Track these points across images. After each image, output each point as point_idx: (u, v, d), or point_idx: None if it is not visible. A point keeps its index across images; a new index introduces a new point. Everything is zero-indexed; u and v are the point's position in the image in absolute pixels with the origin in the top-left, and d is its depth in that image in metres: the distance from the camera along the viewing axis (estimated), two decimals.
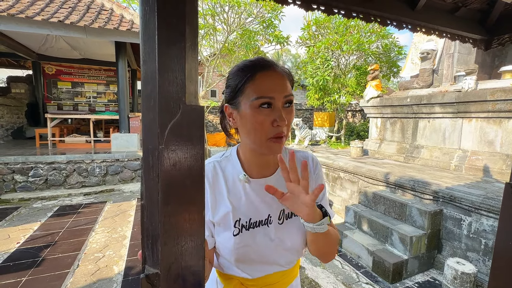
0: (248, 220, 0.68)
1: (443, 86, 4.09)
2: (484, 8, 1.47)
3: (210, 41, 9.65)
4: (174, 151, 0.37)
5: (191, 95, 0.38)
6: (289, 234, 0.70)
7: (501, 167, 3.12)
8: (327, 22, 9.01)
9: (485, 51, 1.64)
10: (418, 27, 1.37)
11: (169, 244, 0.38)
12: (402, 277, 2.52)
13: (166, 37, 0.35)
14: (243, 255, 0.67)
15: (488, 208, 2.34)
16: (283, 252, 0.70)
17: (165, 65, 0.36)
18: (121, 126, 5.92)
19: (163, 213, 0.37)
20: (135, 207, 4.19)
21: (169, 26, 0.35)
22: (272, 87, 0.61)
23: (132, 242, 3.02)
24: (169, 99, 0.36)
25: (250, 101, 0.61)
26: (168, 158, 0.36)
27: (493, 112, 3.20)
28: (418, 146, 4.16)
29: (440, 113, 3.79)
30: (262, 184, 0.66)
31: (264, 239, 0.68)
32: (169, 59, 0.36)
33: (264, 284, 0.71)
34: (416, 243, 2.57)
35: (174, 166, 0.37)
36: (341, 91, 8.99)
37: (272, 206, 0.70)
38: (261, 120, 0.60)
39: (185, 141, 0.37)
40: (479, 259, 2.42)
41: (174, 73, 0.36)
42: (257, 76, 0.62)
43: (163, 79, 0.36)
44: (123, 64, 5.81)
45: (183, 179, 0.38)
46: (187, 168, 0.38)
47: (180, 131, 0.37)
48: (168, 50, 0.36)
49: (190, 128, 0.37)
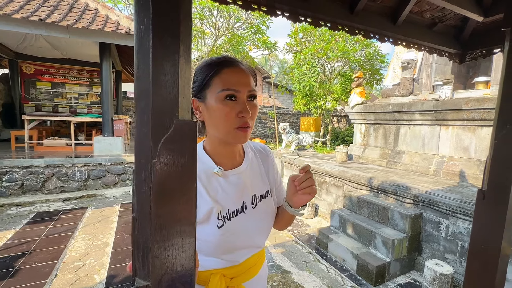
0: (227, 211, 0.71)
1: (422, 94, 4.29)
2: (459, 24, 1.58)
3: (198, 45, 9.62)
4: (167, 164, 0.37)
5: (184, 110, 0.39)
6: (262, 215, 0.78)
7: (475, 172, 3.30)
8: (313, 29, 9.23)
9: (459, 64, 1.75)
10: (399, 41, 1.44)
11: (160, 256, 0.38)
12: (384, 279, 2.60)
13: (161, 54, 0.36)
14: (229, 244, 0.71)
15: (463, 211, 2.46)
16: (260, 232, 0.78)
17: (159, 81, 0.37)
18: (105, 129, 5.75)
19: (154, 225, 0.38)
20: (118, 213, 4.07)
21: (164, 44, 0.36)
22: (237, 81, 0.67)
23: (114, 249, 2.93)
24: (162, 114, 0.37)
25: (216, 93, 0.65)
26: (161, 172, 0.37)
27: (468, 120, 3.39)
28: (399, 152, 4.33)
29: (419, 120, 3.96)
30: (234, 175, 0.74)
31: (244, 225, 0.73)
32: (163, 75, 0.37)
33: (246, 268, 0.76)
34: (398, 246, 2.66)
35: (166, 180, 0.38)
36: (327, 97, 9.21)
37: (245, 193, 0.75)
38: (227, 112, 0.65)
39: (177, 155, 0.38)
40: (456, 260, 2.54)
41: (167, 89, 0.37)
42: (223, 71, 0.67)
43: (157, 95, 0.37)
44: (107, 65, 5.67)
45: (174, 192, 0.39)
46: (179, 181, 0.39)
47: (172, 145, 0.38)
48: (162, 67, 0.37)
49: (183, 142, 0.38)
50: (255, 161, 0.81)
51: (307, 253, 3.07)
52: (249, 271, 0.77)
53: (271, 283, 2.47)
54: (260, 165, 0.82)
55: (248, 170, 0.78)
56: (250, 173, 0.78)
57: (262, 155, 0.85)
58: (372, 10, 1.31)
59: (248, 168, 0.78)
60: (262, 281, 0.83)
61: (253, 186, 0.77)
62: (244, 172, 0.77)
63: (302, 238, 3.52)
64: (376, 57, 8.93)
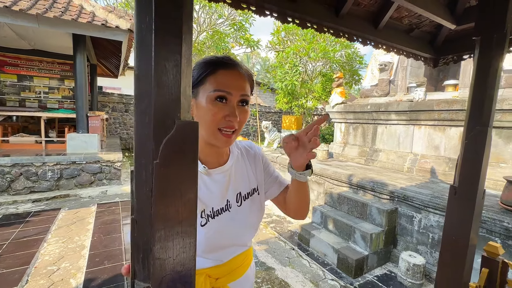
0: (211, 209, 0.71)
1: (398, 95, 4.51)
2: (433, 31, 1.68)
3: None
4: (169, 166, 0.37)
5: (185, 110, 0.39)
6: (248, 213, 0.77)
7: (444, 169, 3.54)
8: (295, 29, 9.34)
9: (433, 68, 1.86)
10: (380, 44, 1.51)
11: (161, 257, 0.38)
12: (363, 271, 2.72)
13: (163, 55, 0.36)
14: (213, 243, 0.71)
15: (434, 205, 2.64)
16: (245, 231, 0.77)
17: (161, 82, 0.36)
18: (79, 125, 5.45)
19: (155, 227, 0.37)
20: (94, 214, 3.89)
21: (166, 44, 0.36)
22: (230, 83, 0.66)
23: (92, 252, 2.80)
24: (164, 115, 0.37)
25: (208, 92, 0.65)
26: (162, 173, 0.37)
27: (439, 121, 3.62)
28: (377, 150, 4.53)
29: (395, 120, 4.17)
30: (219, 173, 0.74)
31: (228, 223, 0.73)
32: (165, 76, 0.36)
33: (232, 267, 0.76)
34: (376, 239, 2.79)
35: (168, 181, 0.38)
36: (308, 96, 9.39)
37: (230, 191, 0.75)
38: (214, 112, 0.65)
39: (179, 156, 0.38)
40: (427, 251, 2.72)
41: (169, 90, 0.37)
42: (219, 71, 0.66)
43: (158, 95, 0.36)
44: (81, 58, 5.36)
45: (176, 194, 0.38)
46: (181, 182, 0.39)
47: (174, 146, 0.38)
48: (164, 68, 0.36)
49: (185, 143, 0.38)
50: (241, 159, 0.81)
51: (290, 249, 3.14)
52: (236, 271, 0.77)
53: (255, 280, 2.50)
54: (246, 162, 0.82)
55: (233, 169, 0.78)
56: (235, 171, 0.78)
57: (248, 153, 0.84)
58: (356, 14, 1.36)
59: (233, 166, 0.78)
60: (249, 281, 0.83)
61: (238, 184, 0.77)
62: (228, 170, 0.76)
63: (285, 234, 3.59)
64: (355, 58, 9.23)
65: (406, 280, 2.55)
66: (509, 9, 0.97)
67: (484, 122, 1.02)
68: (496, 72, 1.00)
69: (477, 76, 1.05)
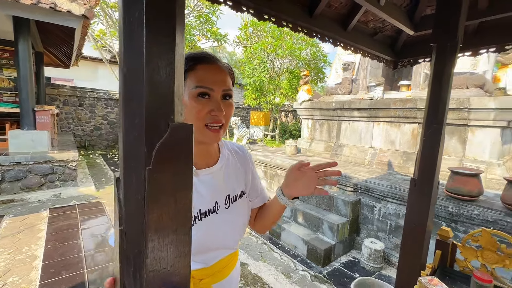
0: (198, 211, 0.70)
1: (359, 94, 4.82)
2: (394, 35, 1.82)
3: None
4: (162, 172, 0.35)
5: (178, 112, 0.37)
6: (235, 216, 0.77)
7: (399, 162, 3.90)
8: (263, 25, 9.38)
9: (393, 70, 2.02)
10: (348, 46, 1.59)
11: (155, 269, 0.36)
12: (330, 260, 2.89)
13: (156, 52, 0.33)
14: (199, 245, 0.69)
15: (392, 195, 2.90)
16: (232, 233, 0.77)
17: (153, 81, 0.33)
18: (24, 121, 4.83)
19: (149, 237, 0.35)
20: (47, 219, 3.51)
21: (159, 40, 0.33)
22: (212, 79, 0.65)
23: (46, 262, 2.53)
24: (156, 117, 0.34)
25: (190, 89, 0.64)
26: (157, 180, 0.34)
27: (395, 118, 3.96)
28: (341, 145, 4.80)
29: (357, 117, 4.46)
30: (207, 174, 0.73)
31: (215, 225, 0.72)
32: (158, 75, 0.34)
33: (217, 270, 0.75)
34: (341, 229, 2.98)
35: (162, 188, 0.35)
36: (276, 92, 9.55)
37: (218, 193, 0.74)
38: (198, 109, 0.64)
39: (173, 161, 0.36)
40: (386, 237, 2.98)
41: (162, 90, 0.34)
42: (199, 67, 0.65)
43: (151, 95, 0.33)
44: (25, 45, 4.73)
45: (170, 201, 0.36)
46: (175, 189, 0.36)
47: (168, 150, 0.35)
48: (157, 65, 0.33)
49: (179, 147, 0.36)
50: (231, 161, 0.80)
51: (261, 244, 3.19)
52: (221, 272, 0.76)
53: None
54: (237, 165, 0.81)
55: (222, 170, 0.76)
56: (224, 173, 0.76)
57: (239, 156, 0.83)
58: (327, 16, 1.41)
59: (223, 168, 0.77)
60: (234, 282, 0.82)
61: (227, 187, 0.76)
62: (217, 172, 0.75)
63: None
64: (319, 56, 9.59)
65: (368, 265, 2.77)
66: (460, 21, 1.09)
67: (439, 120, 1.14)
68: (450, 76, 1.12)
69: (433, 79, 1.16)
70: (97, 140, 9.20)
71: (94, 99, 9.09)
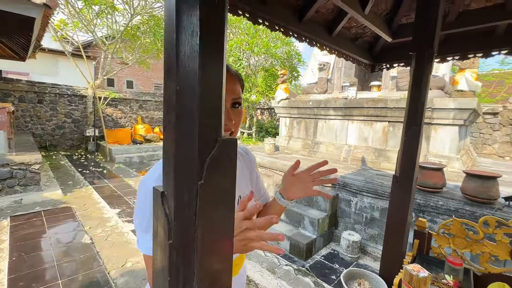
0: None
1: (334, 93, 5.04)
2: (372, 41, 1.94)
3: (107, 21, 8.27)
4: (213, 186, 0.36)
5: (222, 127, 0.38)
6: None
7: (372, 158, 4.16)
8: (238, 22, 9.32)
9: (370, 72, 2.15)
10: (333, 50, 1.67)
11: (203, 280, 0.37)
12: (312, 253, 3.02)
13: (209, 70, 0.34)
14: None
15: (367, 189, 3.10)
16: None
17: (206, 99, 0.34)
18: None
19: (201, 251, 0.36)
20: (8, 228, 3.19)
21: (212, 59, 0.34)
22: None
23: (12, 275, 2.31)
24: (208, 132, 0.35)
25: None
26: (208, 194, 0.35)
27: (367, 116, 4.21)
28: (317, 143, 4.99)
29: (333, 115, 4.66)
30: None
31: None
32: (210, 92, 0.35)
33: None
34: (322, 223, 3.12)
35: (212, 202, 0.36)
36: (252, 90, 9.58)
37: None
38: None
39: (221, 175, 0.37)
40: (362, 229, 3.19)
41: (213, 106, 0.35)
42: None
43: (203, 112, 0.34)
44: None
45: (219, 213, 0.37)
46: (222, 203, 0.38)
47: (217, 165, 0.36)
48: (209, 80, 0.34)
49: (226, 161, 0.37)
50: (240, 164, 0.83)
51: None
52: (234, 268, 0.79)
53: None
54: (244, 167, 0.84)
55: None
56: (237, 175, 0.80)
57: (244, 158, 0.86)
58: (315, 21, 1.47)
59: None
60: (242, 279, 0.86)
61: (238, 188, 0.78)
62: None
63: None
64: (294, 56, 9.79)
65: (347, 255, 2.94)
66: (436, 32, 1.20)
67: (418, 122, 1.25)
68: (427, 81, 1.24)
69: (413, 85, 1.27)
70: (59, 139, 8.51)
71: (56, 96, 8.37)
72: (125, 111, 9.91)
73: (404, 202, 1.30)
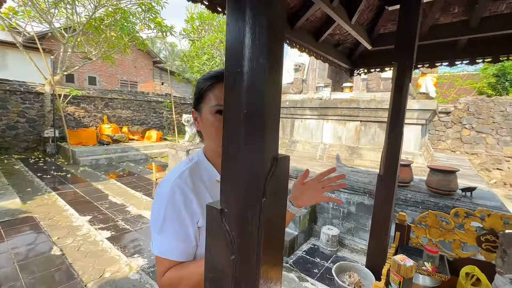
0: None
1: (309, 93, 5.22)
2: (352, 47, 2.06)
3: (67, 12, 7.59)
4: (273, 202, 0.38)
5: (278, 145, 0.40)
6: None
7: (346, 155, 4.41)
8: (211, 19, 9.17)
9: (350, 77, 2.28)
10: (319, 56, 1.75)
11: None
12: (294, 249, 3.12)
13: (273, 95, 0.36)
14: None
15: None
16: None
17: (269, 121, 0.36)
18: None
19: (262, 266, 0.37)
20: None
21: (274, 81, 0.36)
22: None
23: None
24: (269, 152, 0.37)
25: (210, 107, 0.69)
26: (270, 209, 0.37)
27: (341, 116, 4.44)
28: (294, 141, 5.14)
29: (309, 115, 4.83)
30: None
31: None
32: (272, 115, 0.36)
33: None
34: (303, 220, 3.24)
35: (273, 216, 0.38)
36: None
37: None
38: (217, 126, 0.68)
39: (278, 191, 0.39)
40: (339, 223, 3.37)
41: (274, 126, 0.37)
42: (217, 85, 0.69)
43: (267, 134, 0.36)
44: None
45: (277, 226, 0.39)
46: (279, 214, 0.40)
47: (275, 182, 0.38)
48: (274, 101, 0.36)
49: (283, 177, 0.39)
50: None
51: None
52: None
53: None
54: None
55: None
56: None
57: None
58: (305, 28, 1.53)
59: None
60: None
61: None
62: None
63: None
64: None
65: (326, 249, 3.10)
66: (416, 43, 1.33)
67: (400, 125, 1.38)
68: (407, 88, 1.36)
69: (395, 91, 1.39)
70: (12, 141, 7.65)
71: (6, 92, 7.50)
72: (89, 109, 9.21)
73: (388, 198, 1.42)
